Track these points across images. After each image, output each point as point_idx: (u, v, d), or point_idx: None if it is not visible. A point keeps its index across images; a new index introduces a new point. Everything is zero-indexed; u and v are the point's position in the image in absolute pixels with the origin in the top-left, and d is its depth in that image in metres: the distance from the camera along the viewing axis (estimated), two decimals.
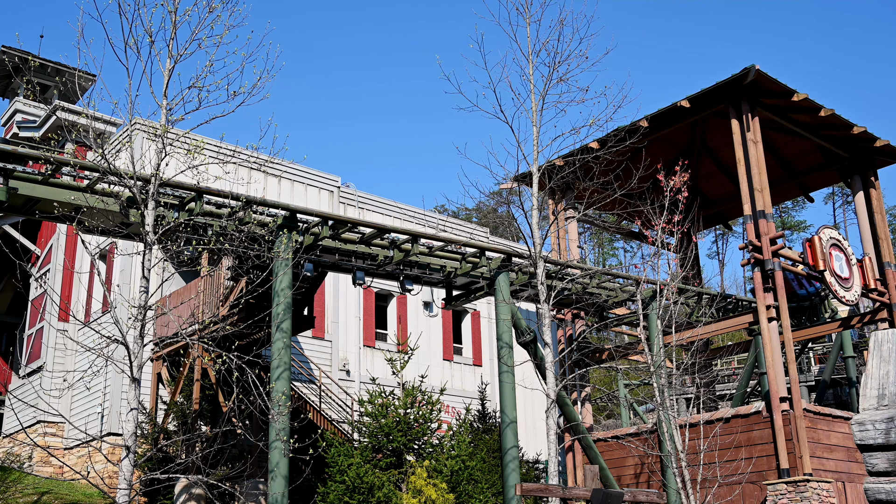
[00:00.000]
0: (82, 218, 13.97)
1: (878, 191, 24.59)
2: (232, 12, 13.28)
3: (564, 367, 23.40)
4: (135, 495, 13.05)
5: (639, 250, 59.30)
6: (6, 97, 34.10)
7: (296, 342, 26.76)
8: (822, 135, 23.55)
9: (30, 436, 25.58)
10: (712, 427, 19.34)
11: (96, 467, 22.48)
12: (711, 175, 27.82)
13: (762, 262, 20.19)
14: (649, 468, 21.38)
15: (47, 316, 26.70)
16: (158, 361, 22.99)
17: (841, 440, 19.89)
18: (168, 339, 22.10)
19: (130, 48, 12.85)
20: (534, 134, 16.40)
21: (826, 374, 26.72)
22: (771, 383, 19.41)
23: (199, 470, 17.32)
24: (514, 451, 17.95)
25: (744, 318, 21.58)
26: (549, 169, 18.60)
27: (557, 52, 16.17)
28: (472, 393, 30.15)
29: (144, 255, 12.77)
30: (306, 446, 15.85)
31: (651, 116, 21.77)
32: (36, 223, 29.40)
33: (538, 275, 16.05)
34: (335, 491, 17.58)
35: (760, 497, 19.05)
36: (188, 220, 14.08)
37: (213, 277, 21.23)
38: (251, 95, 13.44)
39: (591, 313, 23.79)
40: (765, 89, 21.15)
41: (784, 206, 61.02)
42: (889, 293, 23.19)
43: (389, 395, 19.29)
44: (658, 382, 18.57)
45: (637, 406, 30.70)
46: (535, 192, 16.49)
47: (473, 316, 32.78)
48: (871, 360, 21.14)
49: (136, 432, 12.35)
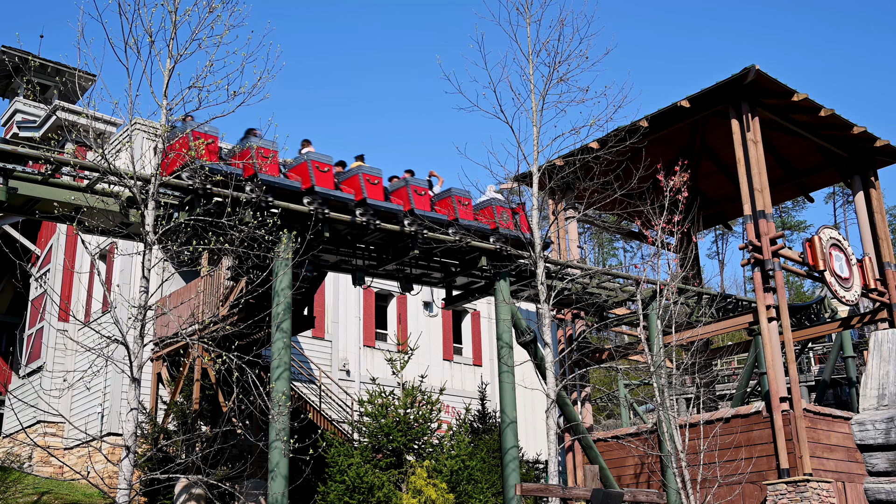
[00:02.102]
0: (82, 218, 13.96)
1: (878, 191, 24.59)
2: (232, 12, 13.29)
3: (564, 367, 23.40)
4: (135, 495, 13.05)
5: (639, 250, 59.31)
6: (6, 97, 34.10)
7: (296, 342, 26.76)
8: (822, 135, 23.55)
9: (30, 436, 25.57)
10: (712, 427, 19.34)
11: (96, 467, 22.47)
12: (711, 175, 27.82)
13: (762, 262, 20.19)
14: (649, 468, 21.38)
15: (47, 316, 26.69)
16: (158, 361, 22.99)
17: (841, 440, 19.90)
18: (168, 339, 22.10)
19: (130, 48, 12.86)
20: (534, 134, 16.40)
21: (826, 374, 26.72)
22: (771, 383, 19.41)
23: (199, 470, 17.31)
24: (514, 451, 17.95)
25: (744, 318, 21.58)
26: (549, 169, 18.60)
27: (558, 52, 16.17)
28: (472, 393, 30.14)
29: (144, 255, 12.77)
30: (306, 446, 15.84)
31: (651, 116, 21.78)
32: (36, 223, 29.39)
33: (538, 275, 16.06)
34: (335, 491, 17.58)
35: (760, 497, 19.06)
36: (188, 221, 14.08)
37: (213, 277, 21.23)
38: (251, 95, 13.44)
39: (591, 313, 23.78)
40: (765, 89, 21.16)
41: (784, 206, 61.01)
42: (889, 293, 23.19)
43: (389, 395, 19.29)
44: (658, 382, 18.57)
45: (637, 406, 30.70)
46: (535, 192, 16.50)
47: (473, 316, 32.79)
48: (871, 360, 21.26)
49: (136, 432, 12.35)
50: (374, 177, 17.66)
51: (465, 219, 18.81)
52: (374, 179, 17.69)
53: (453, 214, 18.73)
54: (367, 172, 17.70)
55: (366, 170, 17.78)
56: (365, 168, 17.85)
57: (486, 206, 19.59)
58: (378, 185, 17.79)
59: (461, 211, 18.84)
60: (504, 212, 19.68)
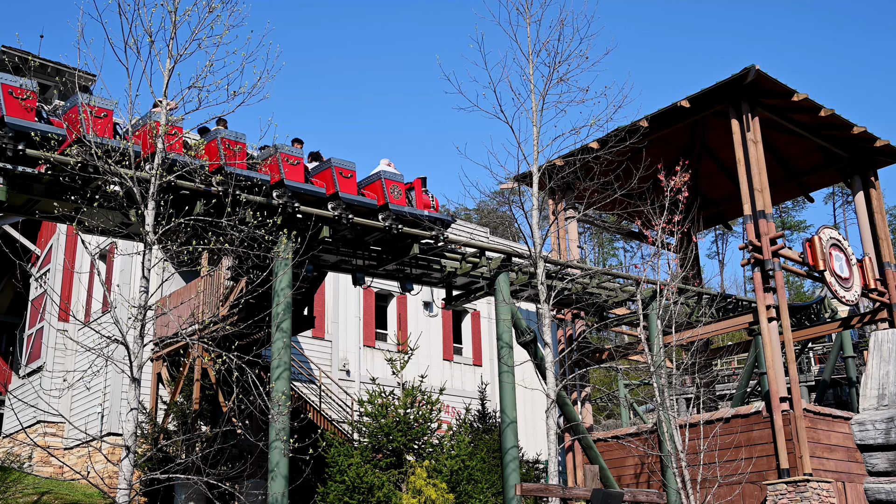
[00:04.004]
0: (82, 218, 13.95)
1: (878, 191, 24.59)
2: (232, 12, 13.29)
3: (564, 367, 23.40)
4: (135, 495, 13.05)
5: (639, 250, 59.31)
6: None
7: (296, 342, 26.76)
8: (822, 135, 23.55)
9: (30, 436, 25.57)
10: (712, 427, 19.34)
11: (96, 467, 22.47)
12: (711, 175, 27.82)
13: (762, 262, 20.19)
14: (649, 468, 21.38)
15: (47, 316, 26.69)
16: (158, 361, 23.00)
17: (841, 440, 19.90)
18: (168, 339, 22.11)
19: (130, 48, 12.85)
20: (534, 134, 16.40)
21: (826, 374, 26.71)
22: (771, 383, 19.41)
23: (199, 470, 17.31)
24: (514, 451, 17.95)
25: (744, 318, 21.58)
26: (549, 169, 18.59)
27: (558, 52, 16.18)
28: (472, 393, 30.15)
29: (144, 255, 12.76)
30: (306, 446, 15.84)
31: (651, 116, 21.78)
32: (36, 223, 29.39)
33: (538, 275, 16.06)
34: (335, 491, 17.59)
35: (760, 497, 19.06)
36: (188, 221, 14.06)
37: (213, 277, 21.24)
38: (251, 95, 13.45)
39: (591, 313, 23.79)
40: (765, 89, 21.15)
41: (784, 206, 61.02)
42: (889, 293, 23.19)
43: (389, 395, 19.29)
44: (658, 382, 18.57)
45: (637, 406, 30.71)
46: (535, 192, 16.49)
47: (473, 316, 32.79)
48: (871, 360, 21.25)
49: (136, 432, 12.35)
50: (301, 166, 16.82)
51: (347, 192, 17.27)
52: (347, 173, 17.24)
53: (333, 188, 17.15)
54: (338, 166, 17.21)
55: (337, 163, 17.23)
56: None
57: (375, 181, 17.96)
58: (352, 179, 17.30)
59: (342, 183, 17.26)
60: (395, 186, 17.97)
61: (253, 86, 13.38)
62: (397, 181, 18.06)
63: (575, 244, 24.70)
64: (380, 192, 17.76)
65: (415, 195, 18.40)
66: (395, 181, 17.99)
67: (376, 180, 17.91)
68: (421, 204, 18.37)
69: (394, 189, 17.87)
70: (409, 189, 18.46)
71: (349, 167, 17.45)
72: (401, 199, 17.95)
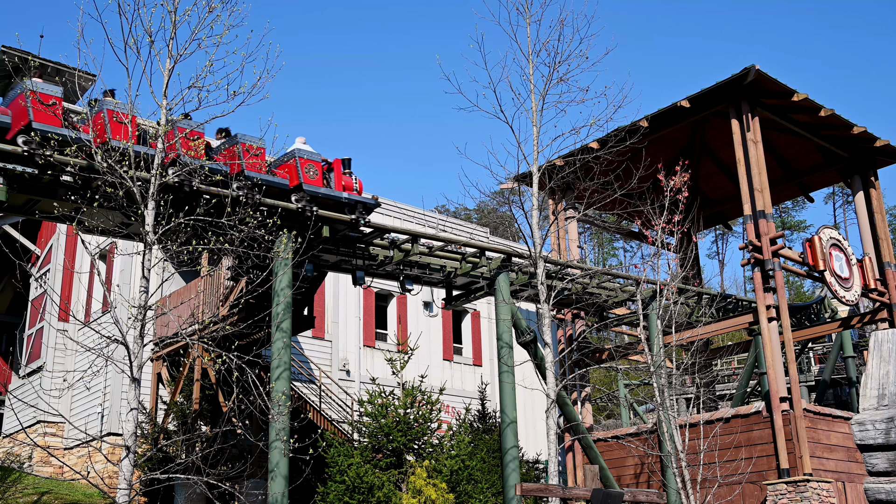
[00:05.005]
0: (82, 218, 13.95)
1: (878, 191, 24.60)
2: (232, 12, 13.30)
3: (564, 367, 23.40)
4: (135, 495, 13.05)
5: (639, 250, 59.28)
6: None
7: (296, 342, 26.76)
8: (822, 135, 23.56)
9: (30, 436, 25.57)
10: (712, 427, 19.34)
11: (96, 467, 22.47)
12: (711, 175, 27.82)
13: (762, 262, 20.20)
14: (649, 468, 21.38)
15: (47, 316, 26.69)
16: (158, 361, 23.00)
17: (841, 440, 19.90)
18: (168, 339, 22.11)
19: (130, 48, 12.86)
20: (534, 134, 16.41)
21: (826, 374, 26.72)
22: (771, 383, 19.41)
23: (199, 470, 17.31)
24: (514, 451, 17.95)
25: (744, 318, 21.58)
26: (549, 169, 18.60)
27: (558, 52, 16.20)
28: (472, 393, 30.14)
29: (144, 255, 12.77)
30: (306, 446, 15.84)
31: (651, 116, 21.78)
32: (36, 223, 29.38)
33: (538, 275, 16.06)
34: (335, 491, 17.59)
35: (760, 497, 19.06)
36: (188, 220, 14.07)
37: (213, 277, 21.23)
38: (251, 95, 13.45)
39: (591, 313, 23.80)
40: (765, 89, 21.16)
41: (784, 206, 61.03)
42: (889, 293, 23.19)
43: (389, 395, 19.29)
44: (658, 382, 18.57)
45: (637, 406, 30.70)
46: (535, 192, 16.50)
47: (473, 316, 32.79)
48: (871, 360, 21.25)
49: (136, 432, 12.36)
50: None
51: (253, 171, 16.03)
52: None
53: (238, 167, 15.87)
54: (303, 157, 16.59)
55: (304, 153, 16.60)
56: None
57: (289, 161, 16.83)
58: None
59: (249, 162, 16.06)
60: (311, 165, 16.83)
61: (253, 86, 13.40)
62: (314, 160, 16.94)
63: (575, 244, 24.70)
64: (294, 172, 16.63)
65: (334, 176, 17.27)
66: (310, 160, 16.84)
67: (290, 160, 16.78)
68: (340, 186, 17.23)
69: (309, 168, 16.73)
70: (329, 170, 17.36)
71: (258, 144, 16.14)
72: (317, 179, 16.78)
